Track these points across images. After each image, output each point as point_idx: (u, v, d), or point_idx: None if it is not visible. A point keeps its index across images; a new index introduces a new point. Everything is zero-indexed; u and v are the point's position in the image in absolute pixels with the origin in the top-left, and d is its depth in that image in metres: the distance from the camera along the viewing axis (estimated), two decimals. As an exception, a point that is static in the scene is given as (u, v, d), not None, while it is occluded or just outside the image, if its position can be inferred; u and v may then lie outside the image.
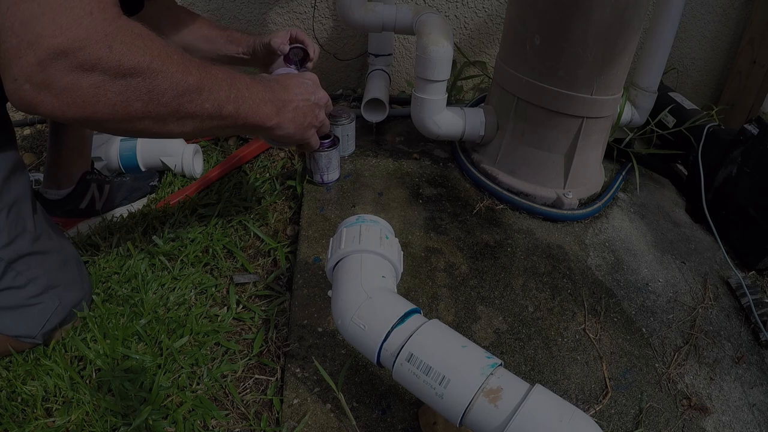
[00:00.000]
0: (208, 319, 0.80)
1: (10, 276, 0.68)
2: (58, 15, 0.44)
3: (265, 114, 0.64)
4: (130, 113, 0.51)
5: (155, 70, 0.51)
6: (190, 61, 0.56)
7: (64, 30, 0.44)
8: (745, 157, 0.98)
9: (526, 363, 0.74)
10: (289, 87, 0.69)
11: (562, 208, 0.99)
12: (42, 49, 0.44)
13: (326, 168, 1.01)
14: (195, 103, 0.55)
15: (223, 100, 0.58)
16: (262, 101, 0.63)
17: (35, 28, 0.43)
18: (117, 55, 0.48)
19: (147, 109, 0.52)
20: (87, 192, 0.96)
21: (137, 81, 0.50)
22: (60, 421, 0.65)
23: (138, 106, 0.51)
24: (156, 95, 0.52)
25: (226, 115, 0.59)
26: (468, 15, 1.45)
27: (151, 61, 0.50)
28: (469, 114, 1.05)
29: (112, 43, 0.47)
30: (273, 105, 0.65)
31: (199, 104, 0.56)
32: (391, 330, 0.55)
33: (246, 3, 1.38)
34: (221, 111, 0.58)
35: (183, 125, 0.56)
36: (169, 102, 0.53)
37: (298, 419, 0.64)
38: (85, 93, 0.47)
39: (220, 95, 0.58)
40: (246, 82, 0.62)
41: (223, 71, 0.59)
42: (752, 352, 0.82)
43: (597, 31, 0.86)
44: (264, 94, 0.63)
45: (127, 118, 0.51)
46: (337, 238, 0.66)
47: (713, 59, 1.60)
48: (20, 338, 0.71)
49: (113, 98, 0.49)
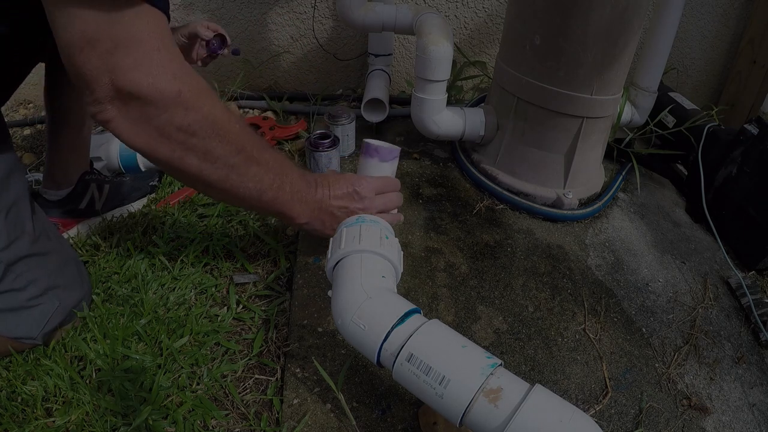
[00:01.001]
0: (208, 319, 0.80)
1: (10, 278, 0.68)
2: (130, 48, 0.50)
3: (297, 212, 0.67)
4: (185, 165, 0.57)
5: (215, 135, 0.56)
6: (248, 134, 0.60)
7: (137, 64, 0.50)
8: (745, 157, 0.98)
9: (526, 363, 0.74)
10: (333, 188, 0.71)
11: (562, 208, 0.99)
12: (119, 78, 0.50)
13: (326, 168, 1.01)
14: (242, 178, 0.60)
15: (267, 185, 0.62)
16: (300, 201, 0.67)
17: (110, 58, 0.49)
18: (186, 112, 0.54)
19: (200, 167, 0.58)
20: (86, 192, 0.96)
21: (196, 140, 0.56)
22: (60, 421, 0.65)
23: (193, 162, 0.57)
24: (210, 157, 0.57)
25: (264, 199, 0.64)
26: (468, 15, 1.45)
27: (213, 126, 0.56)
28: (469, 114, 1.05)
29: (182, 91, 0.53)
30: (308, 206, 0.68)
31: (245, 180, 0.60)
32: (391, 330, 0.55)
33: (246, 3, 1.38)
34: (261, 195, 0.63)
35: (222, 194, 0.62)
36: (219, 168, 0.58)
37: (298, 419, 0.64)
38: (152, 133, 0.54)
39: (264, 179, 0.62)
40: (292, 176, 0.65)
41: (275, 158, 0.63)
42: (752, 352, 0.82)
43: (597, 31, 0.86)
44: (304, 194, 0.67)
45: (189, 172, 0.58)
46: (337, 238, 0.66)
47: (713, 59, 1.60)
48: (20, 339, 0.71)
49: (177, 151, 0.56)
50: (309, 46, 1.47)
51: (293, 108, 1.39)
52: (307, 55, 1.49)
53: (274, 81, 1.53)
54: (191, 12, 1.39)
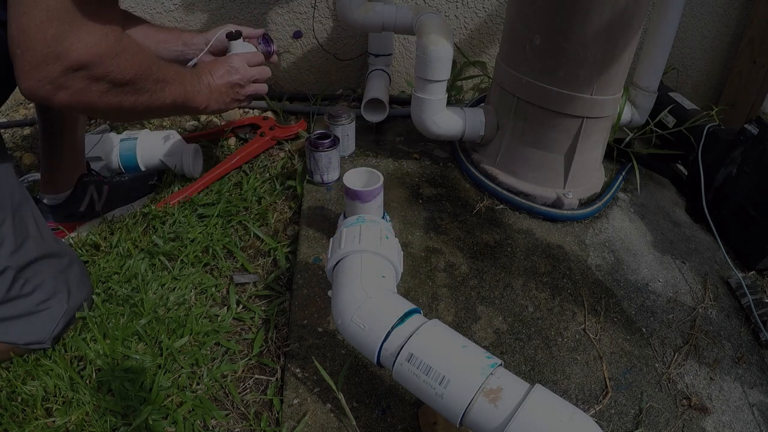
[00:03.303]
0: (208, 319, 0.80)
1: (18, 285, 0.68)
2: (83, 35, 0.56)
3: (199, 101, 0.81)
4: (122, 107, 0.67)
5: (143, 79, 0.67)
6: (164, 66, 0.72)
7: (88, 48, 0.57)
8: (745, 157, 0.98)
9: (526, 363, 0.74)
10: (214, 72, 0.84)
11: (562, 208, 0.99)
12: (69, 61, 0.56)
13: (326, 168, 1.01)
14: (162, 98, 0.73)
15: (179, 94, 0.76)
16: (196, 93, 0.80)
17: (64, 43, 0.55)
18: (121, 71, 0.63)
19: (133, 104, 0.68)
20: (85, 194, 0.96)
21: (129, 87, 0.66)
22: (60, 421, 0.65)
23: (127, 104, 0.67)
24: (140, 96, 0.68)
25: (178, 104, 0.77)
26: (468, 15, 1.45)
27: (141, 74, 0.66)
28: (469, 114, 1.05)
29: (119, 61, 0.61)
30: (203, 94, 0.82)
31: (164, 98, 0.73)
32: (391, 330, 0.55)
33: (246, 3, 1.38)
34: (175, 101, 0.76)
35: (151, 113, 0.78)
36: (147, 99, 0.70)
37: (298, 419, 0.64)
38: (93, 95, 0.62)
39: (175, 91, 0.75)
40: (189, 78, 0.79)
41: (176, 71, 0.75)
42: (752, 352, 0.82)
43: (597, 32, 0.86)
44: (199, 85, 0.81)
45: (117, 110, 0.67)
46: (337, 238, 0.66)
47: (713, 59, 1.60)
48: (30, 345, 0.71)
49: (112, 99, 0.65)
50: (309, 46, 1.47)
51: (293, 108, 1.39)
52: (307, 55, 1.49)
53: (274, 81, 1.53)
54: (191, 12, 1.39)
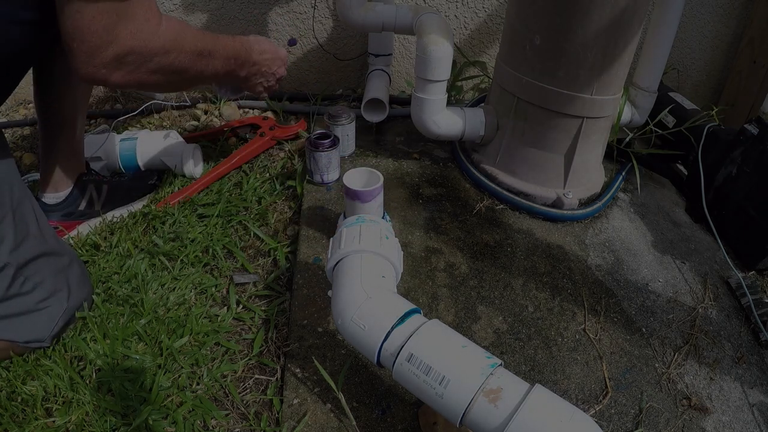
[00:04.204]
0: (208, 319, 0.80)
1: (18, 282, 0.68)
2: (129, 23, 0.61)
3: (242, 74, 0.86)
4: (170, 82, 0.74)
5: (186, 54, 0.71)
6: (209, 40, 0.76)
7: (133, 34, 0.62)
8: (745, 157, 0.98)
9: (526, 363, 0.74)
10: (264, 52, 0.89)
11: (562, 208, 0.99)
12: (118, 47, 0.62)
13: (326, 168, 1.01)
14: (209, 69, 0.77)
15: (220, 67, 0.79)
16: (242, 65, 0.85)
17: (113, 32, 0.61)
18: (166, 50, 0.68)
19: (180, 80, 0.75)
20: (85, 193, 0.96)
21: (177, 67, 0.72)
22: (60, 421, 0.65)
23: (174, 79, 0.73)
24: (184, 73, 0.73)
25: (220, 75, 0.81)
26: (468, 15, 1.45)
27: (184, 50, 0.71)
28: (469, 114, 1.05)
29: (163, 41, 0.66)
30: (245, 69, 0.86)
31: (210, 69, 0.77)
32: (391, 330, 0.55)
33: (246, 3, 1.38)
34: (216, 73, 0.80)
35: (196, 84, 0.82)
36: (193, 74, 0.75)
37: (298, 419, 0.64)
38: (142, 74, 0.67)
39: (217, 65, 0.78)
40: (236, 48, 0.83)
41: (224, 43, 0.79)
42: (752, 352, 0.82)
43: (597, 32, 0.86)
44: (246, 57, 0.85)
45: (165, 85, 0.74)
46: (337, 238, 0.66)
47: (713, 59, 1.60)
48: (29, 344, 0.71)
49: (160, 77, 0.70)
50: (309, 46, 1.47)
51: (293, 108, 1.39)
52: (307, 55, 1.49)
53: (274, 81, 1.53)
54: (191, 12, 1.39)
